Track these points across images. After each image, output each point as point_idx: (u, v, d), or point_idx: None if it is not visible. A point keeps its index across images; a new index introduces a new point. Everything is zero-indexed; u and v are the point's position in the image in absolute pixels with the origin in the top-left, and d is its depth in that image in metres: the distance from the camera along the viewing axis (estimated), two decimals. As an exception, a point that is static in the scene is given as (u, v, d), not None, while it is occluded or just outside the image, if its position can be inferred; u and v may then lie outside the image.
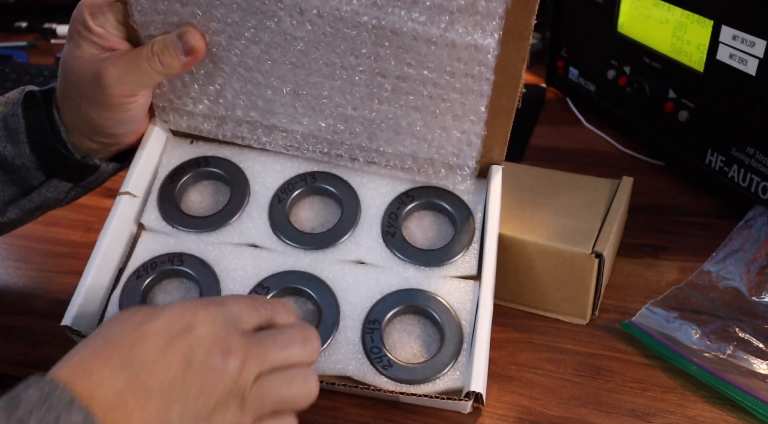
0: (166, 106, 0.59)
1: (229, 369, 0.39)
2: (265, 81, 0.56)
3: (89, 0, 0.52)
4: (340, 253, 0.56)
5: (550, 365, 0.56)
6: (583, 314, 0.60)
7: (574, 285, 0.58)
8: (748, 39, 0.62)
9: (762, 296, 0.59)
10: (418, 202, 0.58)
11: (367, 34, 0.50)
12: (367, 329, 0.52)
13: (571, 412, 0.52)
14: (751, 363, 0.53)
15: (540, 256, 0.58)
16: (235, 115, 0.58)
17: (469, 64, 0.50)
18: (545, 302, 0.60)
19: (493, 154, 0.56)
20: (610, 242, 0.57)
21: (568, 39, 0.88)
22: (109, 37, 0.52)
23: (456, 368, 0.51)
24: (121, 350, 0.38)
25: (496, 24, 0.47)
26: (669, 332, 0.56)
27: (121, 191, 0.56)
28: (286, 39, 0.52)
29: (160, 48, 0.51)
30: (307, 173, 0.59)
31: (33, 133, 0.53)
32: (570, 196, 0.62)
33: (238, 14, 0.52)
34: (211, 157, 0.60)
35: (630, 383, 0.54)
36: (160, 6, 0.52)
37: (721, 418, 0.51)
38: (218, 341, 0.39)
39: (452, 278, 0.55)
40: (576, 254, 0.56)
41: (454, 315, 0.53)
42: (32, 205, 0.56)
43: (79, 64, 0.51)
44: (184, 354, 0.38)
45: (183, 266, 0.55)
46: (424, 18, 0.48)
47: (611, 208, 0.60)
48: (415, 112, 0.54)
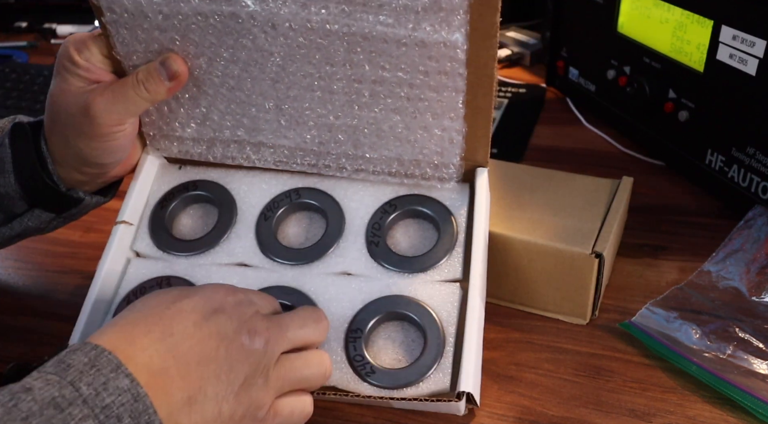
0: (156, 133, 0.60)
1: (256, 347, 0.43)
2: (248, 99, 0.56)
3: (74, 36, 0.54)
4: (325, 266, 0.57)
5: (550, 365, 0.56)
6: (583, 314, 0.60)
7: (574, 285, 0.58)
8: (748, 39, 0.62)
9: (762, 296, 0.59)
10: (400, 211, 0.58)
11: (339, 42, 0.51)
12: (349, 338, 0.52)
13: (571, 412, 0.52)
14: (751, 363, 0.53)
15: (540, 256, 0.58)
16: (223, 135, 0.59)
17: (440, 61, 0.51)
18: (545, 302, 0.60)
19: (477, 157, 0.56)
20: (610, 242, 0.57)
21: (568, 39, 0.88)
22: (95, 70, 0.53)
23: (439, 370, 0.51)
24: (160, 322, 0.41)
25: (461, 19, 0.48)
26: (669, 332, 0.56)
27: (118, 220, 0.58)
28: (263, 55, 0.53)
29: (145, 76, 0.53)
30: (292, 190, 0.60)
31: (19, 163, 0.54)
32: (570, 197, 0.62)
33: (215, 36, 0.52)
34: (199, 181, 0.61)
35: (630, 383, 0.54)
36: (140, 35, 0.53)
37: (721, 418, 0.51)
38: (245, 322, 0.43)
39: (435, 282, 0.55)
40: (576, 254, 0.56)
41: (435, 318, 0.53)
42: (12, 232, 0.57)
43: (66, 97, 0.52)
44: (218, 331, 0.42)
45: None
46: (391, 20, 0.49)
47: (611, 208, 0.60)
48: (394, 115, 0.55)
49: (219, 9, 0.51)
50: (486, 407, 0.53)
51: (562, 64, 0.90)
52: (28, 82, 1.02)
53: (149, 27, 0.52)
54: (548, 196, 0.62)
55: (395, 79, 0.53)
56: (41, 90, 1.00)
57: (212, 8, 0.51)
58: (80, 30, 1.21)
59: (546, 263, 0.58)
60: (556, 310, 0.60)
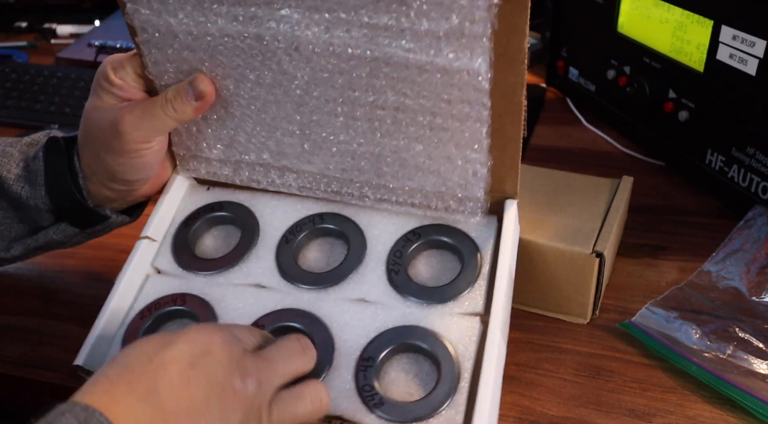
0: (184, 154, 0.60)
1: (248, 390, 0.41)
2: (273, 122, 0.56)
3: (113, 56, 0.55)
4: (342, 291, 0.55)
5: (550, 365, 0.56)
6: (583, 314, 0.60)
7: (574, 285, 0.58)
8: (748, 39, 0.62)
9: (762, 296, 0.59)
10: (424, 240, 0.57)
11: (362, 67, 0.50)
12: (360, 367, 0.50)
13: (571, 412, 0.52)
14: (751, 363, 0.53)
15: (540, 255, 0.58)
16: (248, 158, 0.59)
17: (463, 89, 0.49)
18: (546, 301, 0.60)
19: (505, 188, 0.54)
20: (610, 241, 0.57)
21: (568, 39, 0.88)
22: (129, 89, 0.54)
23: (452, 407, 0.48)
24: (144, 378, 0.39)
25: (484, 46, 0.46)
26: (669, 332, 0.56)
27: (141, 236, 0.58)
28: (287, 78, 0.53)
29: (173, 95, 0.54)
30: (315, 215, 0.59)
31: (51, 176, 0.55)
32: (570, 196, 0.62)
33: (241, 58, 0.53)
34: (225, 202, 0.61)
35: (630, 383, 0.54)
36: (171, 55, 0.54)
37: (721, 418, 0.51)
38: (235, 365, 0.42)
39: (454, 314, 0.52)
40: (576, 253, 0.56)
41: (451, 352, 0.50)
42: (36, 244, 0.58)
43: (98, 113, 0.54)
44: (207, 378, 0.40)
45: (185, 306, 0.55)
46: (413, 45, 0.48)
47: (611, 207, 0.60)
48: (417, 144, 0.53)
49: (245, 30, 0.51)
50: (486, 407, 0.53)
51: (562, 64, 0.90)
52: (28, 82, 1.02)
53: (179, 47, 0.53)
54: (548, 196, 0.62)
55: (417, 107, 0.51)
56: (41, 90, 1.00)
57: (239, 29, 0.51)
58: (80, 30, 1.21)
59: (547, 263, 0.58)
60: (556, 309, 0.60)
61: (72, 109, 0.95)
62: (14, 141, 0.58)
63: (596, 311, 0.60)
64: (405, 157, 0.54)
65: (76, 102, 0.97)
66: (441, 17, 0.46)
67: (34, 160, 0.55)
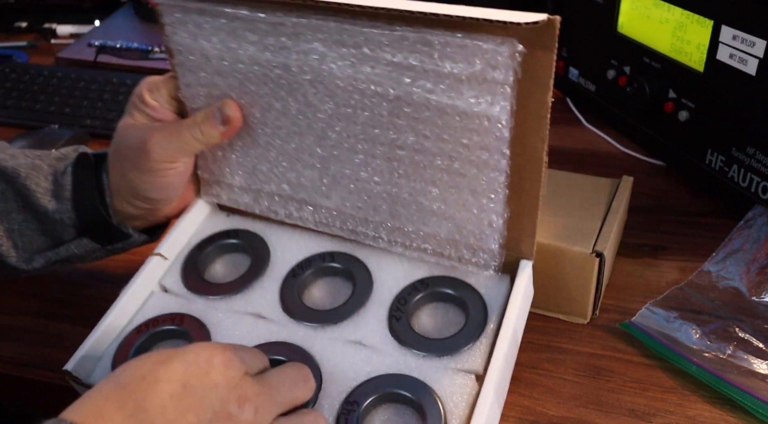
0: (208, 178, 0.61)
1: (244, 417, 0.39)
2: (295, 154, 0.57)
3: (150, 77, 0.58)
4: (339, 331, 0.54)
5: (550, 365, 0.56)
6: (583, 314, 0.60)
7: (574, 284, 0.58)
8: (748, 39, 0.62)
9: (762, 296, 0.59)
10: (431, 291, 0.56)
11: (385, 104, 0.50)
12: (343, 411, 0.48)
13: (571, 412, 0.52)
14: (751, 363, 0.53)
15: (541, 255, 0.57)
16: (269, 188, 0.60)
17: (482, 135, 0.49)
18: (546, 301, 0.60)
19: (521, 247, 0.53)
20: (610, 241, 0.57)
21: (568, 39, 0.88)
22: (161, 110, 0.56)
23: None
24: (134, 396, 0.38)
25: (505, 93, 0.46)
26: (669, 332, 0.56)
27: (154, 252, 0.58)
28: (311, 110, 0.54)
29: (202, 118, 0.55)
30: (326, 253, 0.59)
31: (79, 192, 0.56)
32: (570, 196, 0.62)
33: (269, 87, 0.54)
34: (240, 230, 0.62)
35: (630, 383, 0.54)
36: (203, 79, 0.56)
37: (721, 418, 0.51)
38: (233, 388, 0.40)
39: (450, 369, 0.50)
40: (577, 253, 0.56)
41: (440, 408, 0.48)
42: (57, 257, 0.58)
43: (129, 130, 0.55)
44: (200, 401, 0.39)
45: (182, 326, 0.55)
46: (434, 86, 0.48)
47: (611, 207, 0.60)
48: (434, 187, 0.53)
49: (274, 60, 0.52)
50: (486, 407, 0.53)
51: (562, 64, 0.90)
52: (28, 83, 1.02)
53: (211, 72, 0.55)
54: (548, 196, 0.61)
55: (436, 149, 0.51)
56: (41, 90, 1.00)
57: (268, 58, 0.52)
58: (80, 30, 1.21)
59: (547, 263, 0.57)
60: (556, 309, 0.60)
61: (72, 109, 0.95)
62: (43, 154, 0.59)
63: (596, 311, 0.60)
64: (421, 201, 0.54)
65: (76, 102, 0.97)
66: (464, 60, 0.46)
67: (63, 175, 0.56)
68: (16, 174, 0.56)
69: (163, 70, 1.06)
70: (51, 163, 0.58)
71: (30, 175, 0.56)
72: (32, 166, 0.57)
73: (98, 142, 0.91)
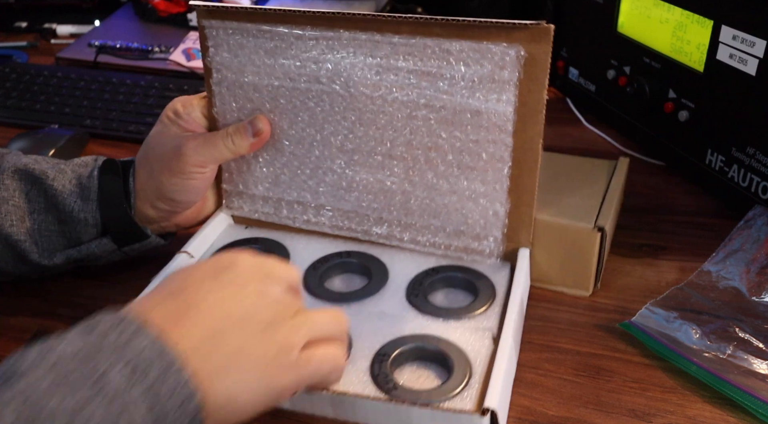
0: (232, 190, 0.66)
1: (271, 291, 0.44)
2: (317, 161, 0.62)
3: (184, 97, 0.63)
4: (363, 306, 0.58)
5: (550, 365, 0.56)
6: (586, 286, 0.62)
7: (577, 259, 0.60)
8: (748, 39, 0.62)
9: (762, 296, 0.59)
10: (443, 275, 0.60)
11: (403, 108, 0.57)
12: (376, 360, 0.52)
13: (571, 412, 0.52)
14: (751, 363, 0.53)
15: (545, 232, 0.60)
16: (290, 196, 0.64)
17: (490, 130, 0.55)
18: (550, 275, 0.62)
19: (520, 237, 0.59)
20: (610, 217, 0.60)
21: (568, 39, 0.88)
22: (192, 123, 0.62)
23: (466, 390, 0.50)
24: (170, 287, 0.43)
25: (511, 90, 0.53)
26: (669, 332, 0.56)
27: (182, 250, 0.62)
28: (337, 119, 0.59)
29: (234, 130, 0.61)
30: (343, 251, 0.63)
31: (105, 193, 0.60)
32: (570, 177, 0.65)
33: (299, 99, 0.60)
34: (260, 238, 0.66)
35: (630, 383, 0.54)
36: (238, 95, 0.62)
37: (721, 418, 0.51)
38: (258, 270, 0.45)
39: (468, 329, 0.55)
40: (580, 228, 0.59)
41: (464, 354, 0.52)
42: (79, 255, 0.61)
43: (162, 138, 0.61)
44: (230, 280, 0.43)
45: None
46: (450, 88, 0.54)
47: (610, 186, 0.63)
48: (445, 182, 0.58)
49: (305, 71, 0.58)
50: (486, 407, 0.53)
51: (562, 64, 0.90)
52: (28, 83, 1.02)
53: (247, 88, 0.61)
54: (549, 177, 0.64)
55: (448, 147, 0.57)
56: (41, 90, 1.00)
57: (300, 71, 0.58)
58: (80, 30, 1.21)
59: (551, 239, 0.60)
60: (560, 283, 0.62)
61: (72, 109, 0.95)
62: (64, 161, 0.63)
63: (598, 284, 0.62)
64: (433, 196, 0.59)
65: (75, 102, 0.97)
66: (477, 63, 0.53)
67: (88, 179, 0.60)
68: (44, 176, 0.60)
69: (163, 70, 1.06)
70: (74, 168, 0.62)
71: (57, 177, 0.60)
72: (58, 169, 0.61)
73: (98, 142, 0.91)
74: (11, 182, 0.60)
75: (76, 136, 0.87)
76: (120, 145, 0.90)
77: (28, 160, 0.62)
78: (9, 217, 0.59)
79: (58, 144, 0.84)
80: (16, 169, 0.61)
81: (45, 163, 0.62)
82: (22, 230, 0.60)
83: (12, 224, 0.59)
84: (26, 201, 0.60)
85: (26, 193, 0.60)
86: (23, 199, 0.60)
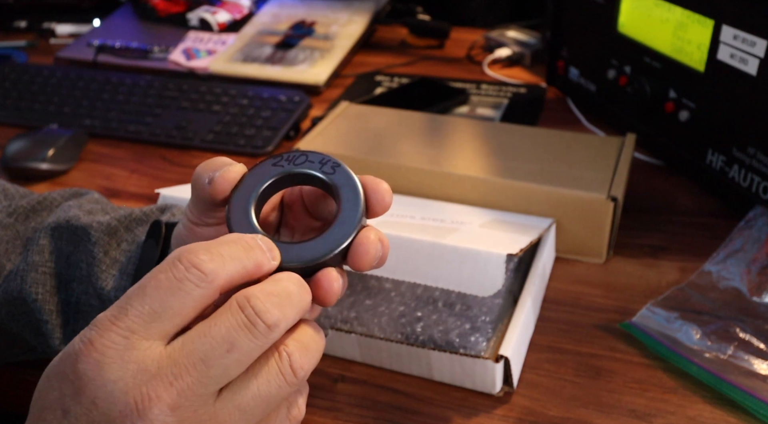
0: None
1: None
2: None
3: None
4: None
5: (551, 366, 0.56)
6: (600, 254, 0.65)
7: (592, 227, 0.64)
8: (749, 39, 0.62)
9: (763, 296, 0.58)
10: None
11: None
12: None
13: (571, 412, 0.52)
14: (752, 364, 0.53)
15: (561, 202, 0.64)
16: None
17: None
18: (566, 243, 0.66)
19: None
20: (622, 187, 0.64)
21: (568, 39, 0.88)
22: None
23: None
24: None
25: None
26: (669, 333, 0.56)
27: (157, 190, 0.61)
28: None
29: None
30: None
31: (140, 267, 0.49)
32: (581, 152, 0.69)
33: None
34: None
35: (630, 383, 0.54)
36: None
37: (721, 418, 0.51)
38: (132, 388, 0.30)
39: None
40: (594, 198, 0.63)
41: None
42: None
43: None
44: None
45: None
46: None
47: (620, 159, 0.67)
48: None
49: None
50: (486, 407, 0.53)
51: (562, 64, 0.90)
52: (27, 82, 1.02)
53: None
54: (562, 153, 0.69)
55: None
56: (40, 90, 1.00)
57: None
58: (79, 30, 1.21)
59: (567, 208, 0.64)
60: (576, 251, 0.66)
61: (71, 109, 0.95)
62: (124, 213, 0.52)
63: (611, 252, 0.66)
64: None
65: (75, 102, 0.97)
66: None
67: (136, 247, 0.50)
68: (86, 236, 0.50)
69: (163, 69, 1.06)
70: (128, 225, 0.52)
71: (100, 240, 0.50)
72: (108, 229, 0.51)
73: (97, 142, 0.90)
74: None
75: (76, 136, 0.87)
76: (119, 144, 0.90)
77: (78, 213, 0.51)
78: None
79: (58, 144, 0.84)
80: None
81: (100, 216, 0.51)
82: (51, 307, 0.50)
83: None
84: (66, 267, 0.51)
85: (66, 257, 0.51)
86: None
